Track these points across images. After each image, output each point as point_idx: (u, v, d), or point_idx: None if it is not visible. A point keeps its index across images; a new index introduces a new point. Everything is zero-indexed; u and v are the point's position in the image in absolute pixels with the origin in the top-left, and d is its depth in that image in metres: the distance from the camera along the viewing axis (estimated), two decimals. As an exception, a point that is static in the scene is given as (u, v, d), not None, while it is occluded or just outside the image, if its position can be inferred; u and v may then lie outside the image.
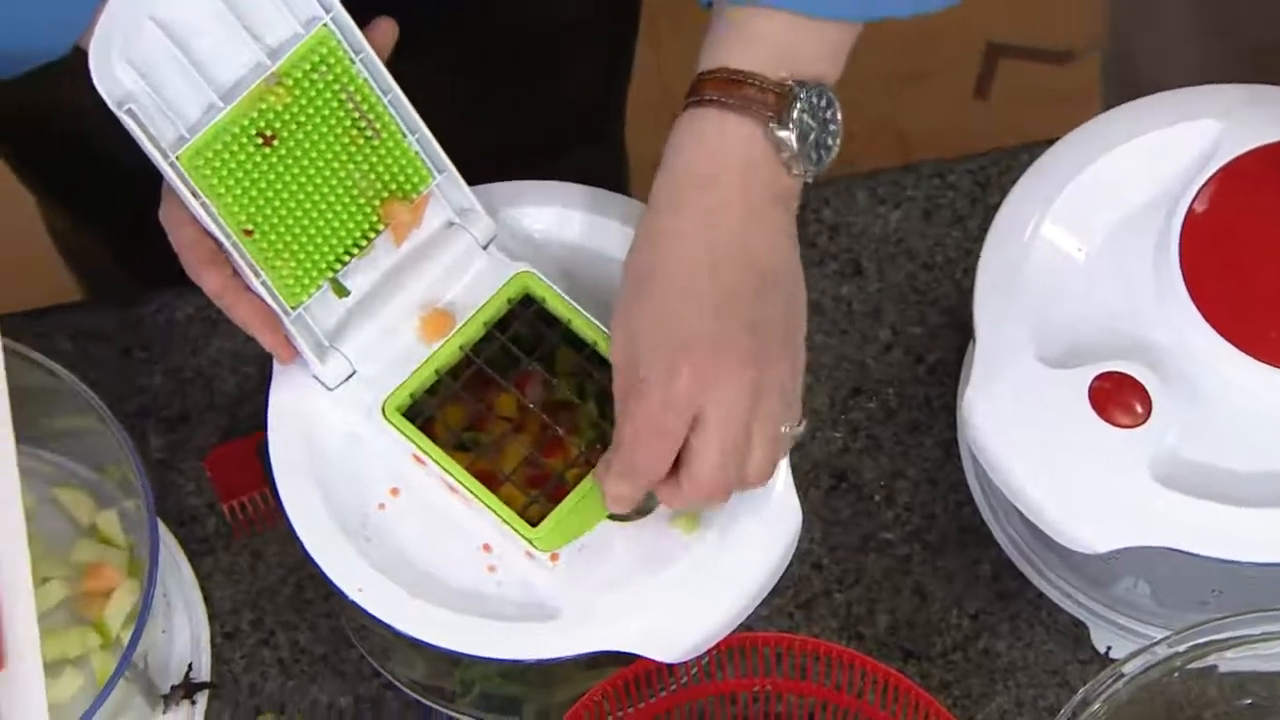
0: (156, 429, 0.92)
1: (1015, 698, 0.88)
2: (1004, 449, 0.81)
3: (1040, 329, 0.83)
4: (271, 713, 0.87)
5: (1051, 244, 0.84)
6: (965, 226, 0.97)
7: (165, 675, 0.85)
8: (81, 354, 0.93)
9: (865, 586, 0.90)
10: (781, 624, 0.89)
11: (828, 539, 0.90)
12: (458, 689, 0.86)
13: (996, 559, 0.90)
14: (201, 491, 0.90)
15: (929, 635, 0.89)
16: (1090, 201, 0.85)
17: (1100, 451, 0.80)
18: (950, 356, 0.94)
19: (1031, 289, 0.83)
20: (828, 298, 0.95)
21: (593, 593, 0.78)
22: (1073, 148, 0.86)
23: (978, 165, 0.98)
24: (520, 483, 0.81)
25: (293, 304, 0.80)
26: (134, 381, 0.92)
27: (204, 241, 0.77)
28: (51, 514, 0.86)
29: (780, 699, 0.84)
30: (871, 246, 0.97)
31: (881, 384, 0.94)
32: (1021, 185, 0.86)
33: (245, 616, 0.88)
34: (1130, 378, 0.80)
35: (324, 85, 0.78)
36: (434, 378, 0.82)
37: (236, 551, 0.90)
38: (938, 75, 1.76)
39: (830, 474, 0.92)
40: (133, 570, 0.85)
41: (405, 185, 0.81)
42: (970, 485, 0.91)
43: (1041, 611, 0.89)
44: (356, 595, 0.78)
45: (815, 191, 0.97)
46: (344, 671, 0.88)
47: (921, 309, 0.95)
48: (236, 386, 0.93)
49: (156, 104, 0.75)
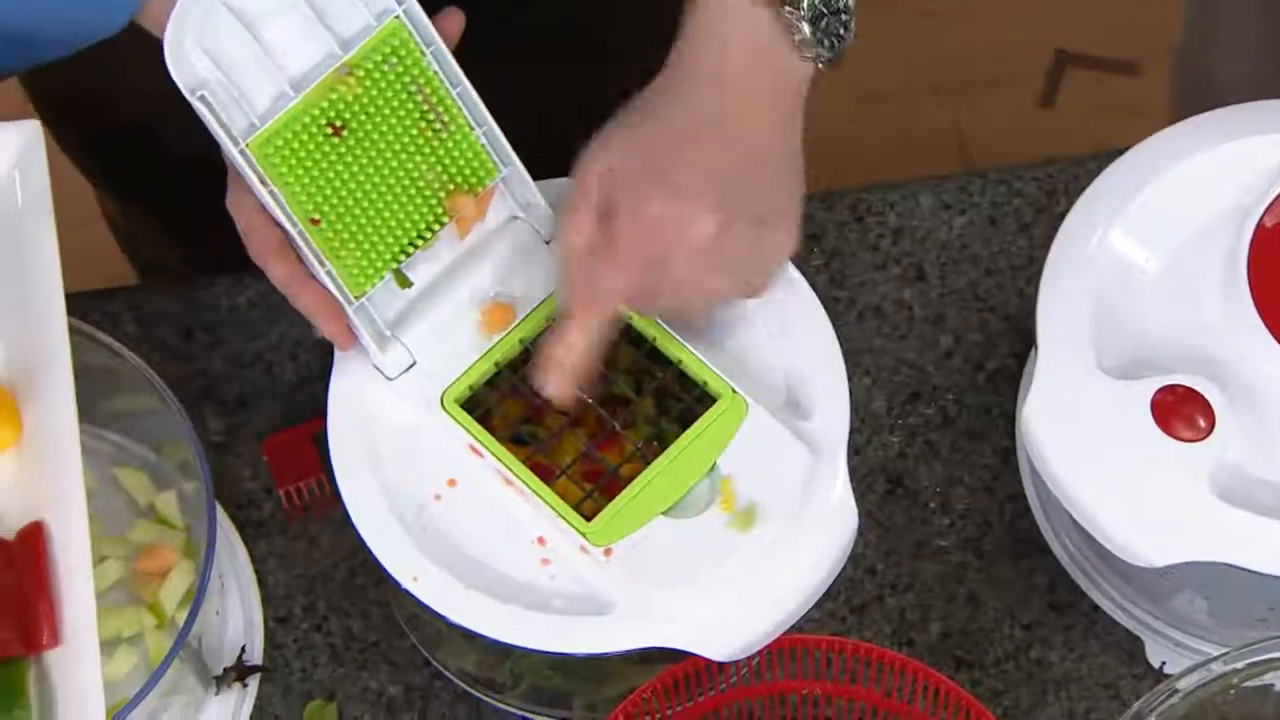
0: (215, 412, 0.92)
1: (1067, 710, 0.87)
2: (1063, 459, 0.80)
3: (1103, 339, 0.82)
4: (321, 698, 0.87)
5: (1118, 254, 0.84)
6: (1030, 234, 0.96)
7: (218, 657, 0.86)
8: (145, 335, 0.93)
9: (918, 593, 0.89)
10: (833, 627, 0.88)
11: (882, 544, 0.90)
12: (508, 681, 0.86)
13: (1052, 570, 0.89)
14: (258, 476, 0.91)
15: (981, 644, 0.88)
16: (1159, 213, 0.84)
17: (1161, 465, 0.79)
18: (1010, 365, 0.94)
19: (1096, 299, 0.83)
20: (889, 302, 0.95)
21: (645, 589, 0.78)
22: (1143, 158, 0.85)
23: (1045, 173, 0.97)
24: (576, 477, 0.81)
25: (356, 294, 0.80)
26: (194, 365, 0.93)
27: (272, 230, 0.78)
28: (111, 494, 0.87)
29: (830, 703, 0.84)
30: (935, 252, 0.96)
31: (940, 390, 0.93)
32: (1090, 194, 0.85)
33: (298, 601, 0.89)
34: (1194, 391, 0.80)
35: (394, 77, 0.78)
36: (493, 370, 0.82)
37: (291, 536, 0.90)
38: (1003, 84, 1.75)
39: (886, 479, 0.91)
40: (189, 552, 0.86)
41: (471, 178, 0.81)
42: (1027, 495, 0.90)
43: (1096, 624, 0.88)
44: (411, 585, 0.79)
45: (880, 195, 0.97)
46: (395, 660, 0.88)
47: (983, 316, 0.95)
48: (295, 373, 0.93)
49: (229, 91, 0.76)
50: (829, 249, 0.96)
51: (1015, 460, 0.91)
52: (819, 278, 0.95)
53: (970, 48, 1.76)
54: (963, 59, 1.75)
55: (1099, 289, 0.83)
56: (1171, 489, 0.79)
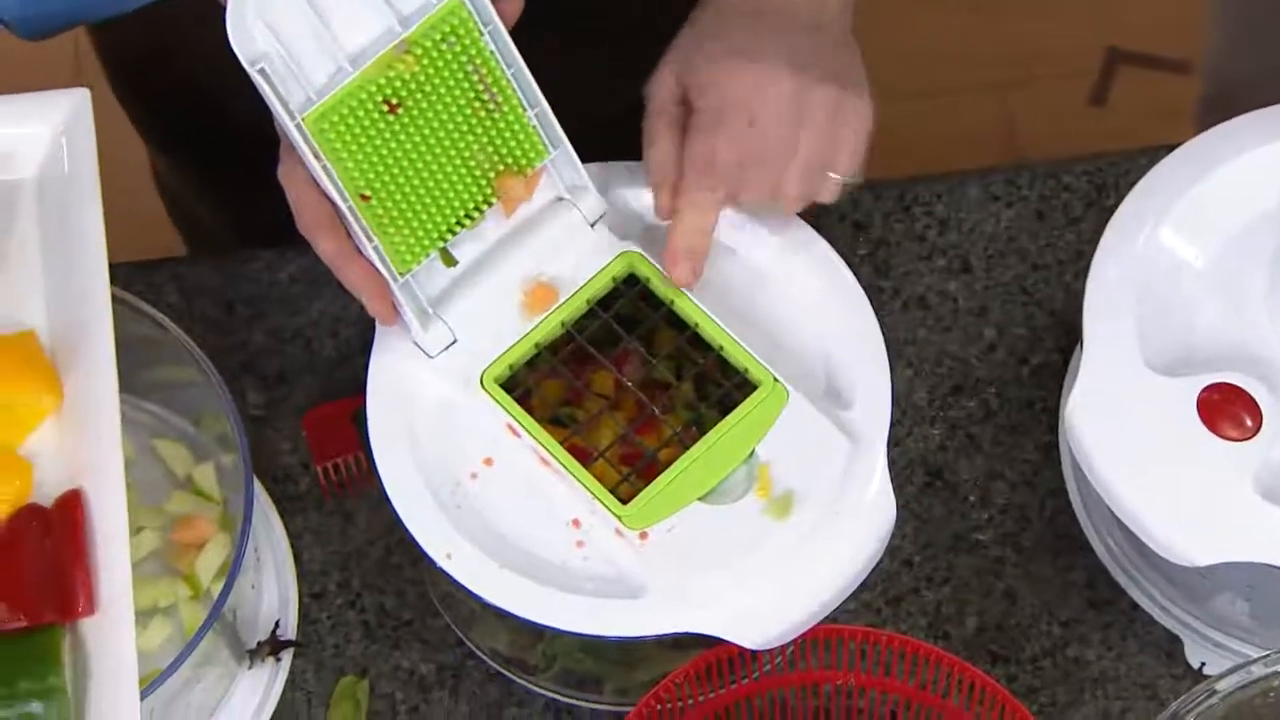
0: (255, 386, 0.92)
1: (1103, 709, 0.86)
2: (1106, 455, 0.79)
3: (1150, 336, 0.81)
4: (354, 675, 0.87)
5: (1167, 250, 0.83)
6: (1078, 229, 0.95)
7: (252, 631, 0.86)
8: (187, 308, 0.93)
9: (955, 586, 0.88)
10: (868, 619, 0.88)
11: (919, 536, 0.89)
12: (540, 663, 0.85)
13: (1091, 567, 0.88)
14: (296, 450, 0.91)
15: (1017, 640, 0.87)
16: (1210, 209, 0.83)
17: (1205, 463, 0.78)
18: (1055, 360, 0.93)
19: (1144, 295, 0.82)
20: (933, 293, 0.94)
21: (680, 574, 0.78)
22: (1195, 154, 0.85)
23: (1095, 167, 0.96)
24: (613, 460, 0.80)
25: (401, 270, 0.80)
26: (235, 338, 0.93)
27: (322, 204, 0.78)
28: (149, 464, 0.87)
29: (863, 694, 0.83)
30: (981, 244, 0.95)
31: (983, 383, 0.92)
32: (1141, 189, 0.84)
33: (333, 578, 0.89)
34: (1241, 390, 0.79)
35: (451, 56, 0.78)
36: (533, 351, 0.82)
37: (328, 513, 0.90)
38: (1054, 81, 1.74)
39: (926, 471, 0.91)
40: (225, 525, 0.86)
41: (521, 159, 0.81)
42: (1069, 491, 0.90)
43: (1135, 623, 0.87)
44: (445, 562, 0.78)
45: (926, 186, 0.96)
46: (428, 639, 0.88)
47: (1028, 310, 0.94)
48: (335, 349, 0.93)
49: (287, 64, 0.75)
50: (874, 238, 0.95)
51: (1057, 456, 0.91)
52: (864, 267, 0.94)
53: (1022, 44, 1.74)
54: (1014, 55, 1.74)
55: (1146, 285, 0.82)
56: (1215, 488, 0.78)
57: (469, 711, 0.87)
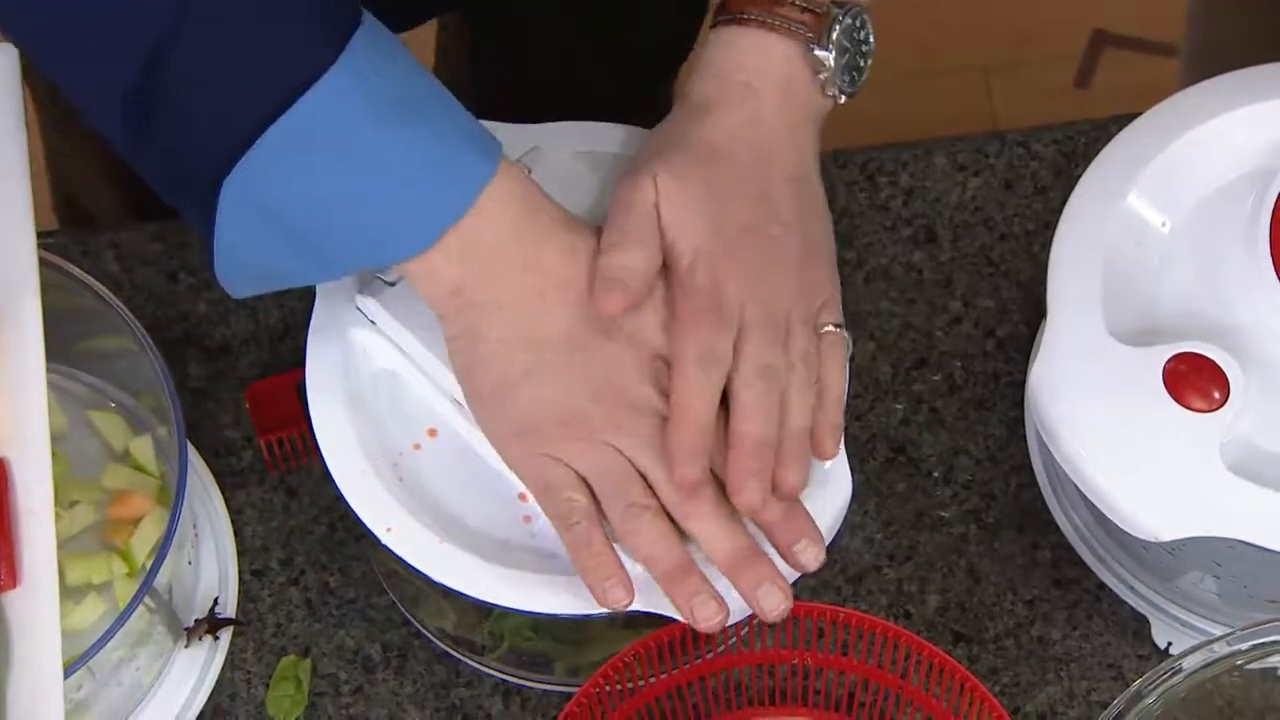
0: (197, 357, 0.89)
1: (1067, 689, 0.84)
2: (1070, 427, 0.77)
3: (1116, 304, 0.79)
4: (295, 654, 0.84)
5: (1135, 216, 0.80)
6: (1047, 198, 0.93)
7: (190, 609, 0.83)
8: (126, 276, 0.91)
9: (917, 564, 0.86)
10: (828, 597, 0.85)
11: (881, 513, 0.87)
12: (487, 642, 0.83)
13: (1056, 545, 0.86)
14: (239, 424, 0.88)
15: (980, 619, 0.85)
16: (1178, 175, 0.81)
17: (1171, 435, 0.76)
18: (1021, 333, 0.90)
19: (1109, 262, 0.79)
20: (897, 264, 0.92)
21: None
22: (1162, 119, 0.82)
23: (1064, 135, 0.94)
24: (562, 432, 0.78)
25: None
26: (177, 308, 0.90)
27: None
28: (84, 437, 0.85)
29: (820, 674, 0.81)
30: (947, 214, 0.93)
31: (948, 356, 0.90)
32: (1107, 154, 0.82)
33: (275, 555, 0.86)
34: (1208, 359, 0.76)
35: None
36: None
37: (271, 488, 0.87)
38: (1037, 64, 1.72)
39: (888, 446, 0.88)
40: (163, 499, 0.83)
41: None
42: (1034, 467, 0.87)
43: (1101, 602, 0.85)
44: (384, 536, 0.76)
45: (891, 155, 0.94)
46: (373, 618, 0.85)
47: (995, 281, 0.91)
48: (281, 320, 0.90)
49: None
50: (838, 208, 0.93)
51: (1023, 431, 0.88)
52: (826, 238, 0.92)
53: (1005, 26, 1.72)
54: (997, 38, 1.72)
55: (1113, 252, 0.80)
56: (1182, 461, 0.75)
57: (415, 692, 0.84)
